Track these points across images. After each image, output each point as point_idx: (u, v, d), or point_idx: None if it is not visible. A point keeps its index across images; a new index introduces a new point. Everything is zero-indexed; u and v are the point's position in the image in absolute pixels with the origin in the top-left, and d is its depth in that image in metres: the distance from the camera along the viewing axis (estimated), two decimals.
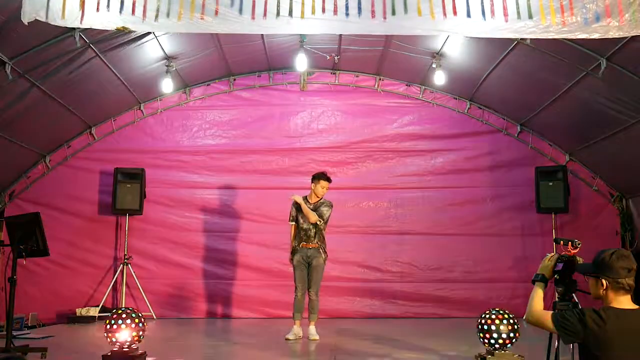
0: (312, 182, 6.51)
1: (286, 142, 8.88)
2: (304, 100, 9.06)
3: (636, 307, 2.44)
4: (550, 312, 2.58)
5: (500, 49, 6.92)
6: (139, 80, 8.11)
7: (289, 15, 4.58)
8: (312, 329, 6.21)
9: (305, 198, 6.43)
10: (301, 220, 6.37)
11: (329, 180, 6.51)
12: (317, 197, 6.44)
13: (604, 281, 2.46)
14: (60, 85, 7.13)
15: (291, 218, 6.50)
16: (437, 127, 8.89)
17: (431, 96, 8.96)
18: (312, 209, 6.32)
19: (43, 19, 4.56)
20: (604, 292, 2.47)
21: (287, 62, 8.59)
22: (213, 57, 8.18)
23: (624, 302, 2.44)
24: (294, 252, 6.42)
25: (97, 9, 4.57)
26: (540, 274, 2.84)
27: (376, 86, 9.05)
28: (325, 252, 6.39)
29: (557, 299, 2.96)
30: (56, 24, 4.70)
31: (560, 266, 2.85)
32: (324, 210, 6.36)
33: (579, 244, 2.86)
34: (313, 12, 4.58)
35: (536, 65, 6.98)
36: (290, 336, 6.20)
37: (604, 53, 6.05)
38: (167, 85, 8.09)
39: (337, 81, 9.09)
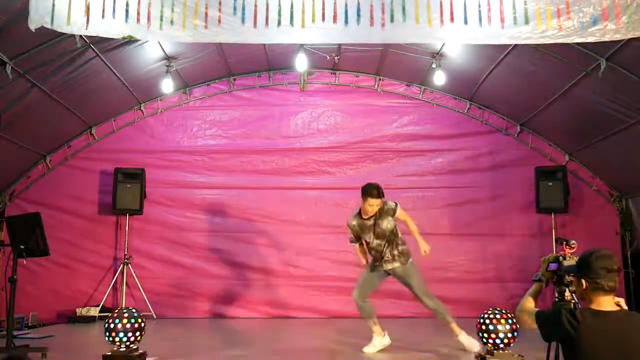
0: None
1: (286, 142, 8.89)
2: (304, 100, 9.07)
3: (617, 308, 2.41)
4: (536, 310, 2.60)
5: (500, 49, 6.93)
6: (139, 80, 8.11)
7: (290, 24, 4.63)
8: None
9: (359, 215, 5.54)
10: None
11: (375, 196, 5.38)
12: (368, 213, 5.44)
13: (583, 281, 2.45)
14: (60, 85, 7.14)
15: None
16: (437, 127, 8.90)
17: (431, 96, 8.97)
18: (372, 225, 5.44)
19: (49, 25, 4.59)
20: (584, 292, 2.47)
21: (287, 62, 8.60)
22: (213, 57, 8.19)
23: (604, 303, 2.41)
24: None
25: (103, 16, 4.59)
26: (540, 274, 2.89)
27: (376, 86, 9.05)
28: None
29: (556, 299, 2.97)
30: (62, 31, 4.72)
31: (553, 266, 2.87)
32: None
33: (573, 245, 2.88)
34: (313, 20, 4.64)
35: (536, 65, 6.99)
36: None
37: (604, 53, 6.05)
38: (167, 85, 8.10)
39: (337, 81, 9.10)
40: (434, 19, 4.64)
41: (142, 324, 4.52)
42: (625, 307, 2.48)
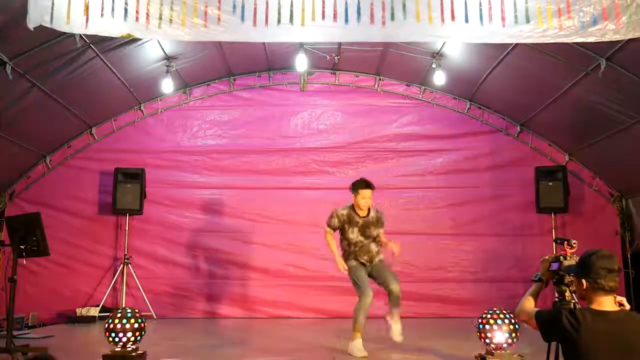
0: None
1: (286, 142, 8.89)
2: (304, 101, 9.07)
3: (617, 308, 2.42)
4: (536, 310, 2.60)
5: (500, 49, 6.93)
6: (139, 80, 8.11)
7: (290, 23, 4.62)
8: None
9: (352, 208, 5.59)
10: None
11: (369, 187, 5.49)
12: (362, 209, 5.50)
13: (583, 281, 2.45)
14: (60, 85, 7.14)
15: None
16: (437, 127, 8.90)
17: (431, 96, 8.97)
18: (360, 225, 5.54)
19: (48, 24, 4.59)
20: (585, 292, 2.47)
21: (287, 62, 8.60)
22: (213, 57, 8.18)
23: (604, 303, 2.41)
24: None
25: (102, 15, 4.60)
26: (540, 274, 2.89)
27: (376, 86, 9.05)
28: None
29: (556, 299, 2.97)
30: (61, 30, 4.72)
31: (555, 266, 2.87)
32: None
33: (574, 244, 2.87)
34: (313, 19, 4.63)
35: (536, 65, 6.99)
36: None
37: (604, 53, 6.05)
38: (167, 85, 8.10)
39: (337, 81, 9.10)
40: (434, 17, 4.64)
41: (142, 324, 4.52)
42: (628, 306, 2.48)
